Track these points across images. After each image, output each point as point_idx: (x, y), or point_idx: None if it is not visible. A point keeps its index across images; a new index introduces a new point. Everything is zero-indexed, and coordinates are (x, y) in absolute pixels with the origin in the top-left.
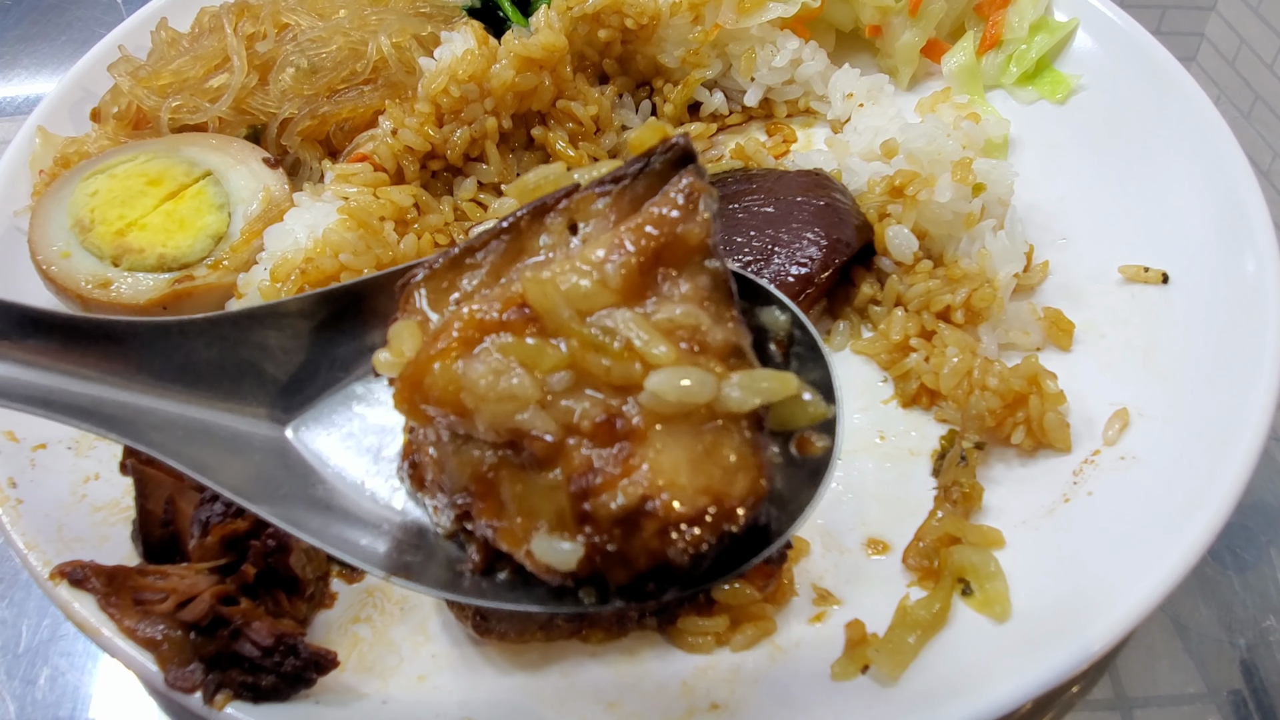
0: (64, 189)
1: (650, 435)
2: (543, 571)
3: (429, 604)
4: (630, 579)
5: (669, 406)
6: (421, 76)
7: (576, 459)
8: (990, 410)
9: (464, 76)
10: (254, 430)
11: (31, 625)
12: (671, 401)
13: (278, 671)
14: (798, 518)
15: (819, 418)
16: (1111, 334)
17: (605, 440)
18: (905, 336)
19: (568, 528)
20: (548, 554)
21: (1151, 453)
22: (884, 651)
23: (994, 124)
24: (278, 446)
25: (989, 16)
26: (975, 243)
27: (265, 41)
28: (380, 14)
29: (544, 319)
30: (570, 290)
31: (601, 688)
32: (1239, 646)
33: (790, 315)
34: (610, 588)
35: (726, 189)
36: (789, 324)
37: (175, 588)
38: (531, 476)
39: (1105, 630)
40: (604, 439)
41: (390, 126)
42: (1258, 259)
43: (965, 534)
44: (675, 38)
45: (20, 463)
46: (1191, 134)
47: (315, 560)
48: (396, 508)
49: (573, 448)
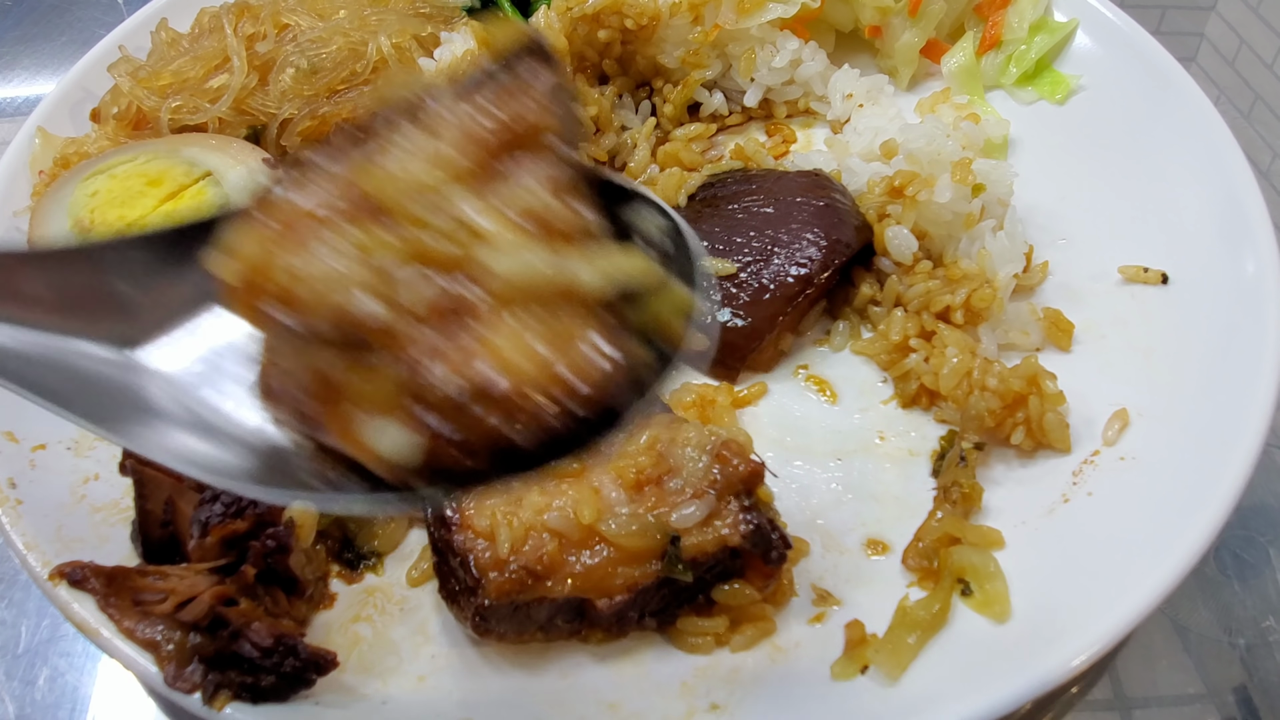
0: (64, 189)
1: (494, 318)
2: (386, 470)
3: (429, 605)
4: (475, 468)
5: (510, 286)
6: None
7: (416, 347)
8: (990, 411)
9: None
10: (107, 357)
11: (31, 626)
12: (510, 279)
13: (277, 672)
14: (650, 401)
15: (684, 307)
16: (1111, 334)
17: (445, 324)
18: (905, 337)
19: (410, 421)
20: (391, 447)
21: (1151, 453)
22: (884, 652)
23: (994, 124)
24: (133, 373)
25: (989, 17)
26: (975, 243)
27: (265, 42)
28: (380, 14)
29: (379, 205)
30: (406, 176)
31: (601, 688)
32: (1239, 647)
33: (669, 222)
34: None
35: (726, 189)
36: (665, 229)
37: (175, 588)
38: (371, 372)
39: (1105, 631)
40: (443, 323)
41: None
42: (1258, 259)
43: (965, 534)
44: (675, 38)
45: (20, 463)
46: (1191, 134)
47: (315, 561)
48: (251, 425)
49: (411, 335)
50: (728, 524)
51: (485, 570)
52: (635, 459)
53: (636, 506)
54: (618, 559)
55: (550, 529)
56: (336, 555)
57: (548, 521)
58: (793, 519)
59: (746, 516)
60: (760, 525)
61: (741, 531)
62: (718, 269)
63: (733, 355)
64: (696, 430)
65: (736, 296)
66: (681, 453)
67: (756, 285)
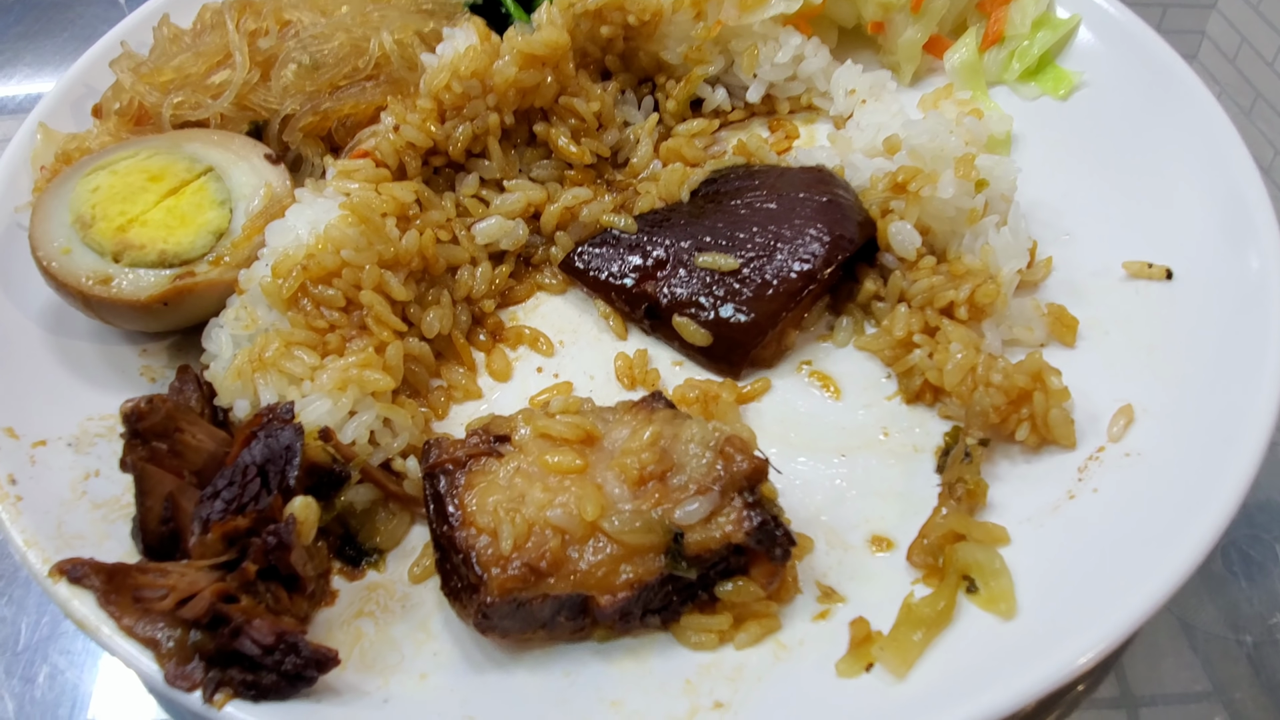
0: (65, 185)
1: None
2: None
3: (431, 602)
4: None
5: None
6: (424, 73)
7: None
8: (994, 407)
9: (466, 73)
10: None
11: (31, 623)
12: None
13: (278, 670)
14: None
15: None
16: (1115, 330)
17: None
18: (909, 333)
19: None
20: None
21: (1157, 449)
22: (889, 649)
23: (996, 120)
24: None
25: (991, 13)
26: (978, 239)
27: (267, 38)
28: (382, 10)
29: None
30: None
31: (604, 686)
32: (1246, 645)
33: None
34: None
35: (729, 184)
36: None
37: (175, 585)
38: None
39: (1111, 628)
40: None
41: (392, 123)
42: (1261, 255)
43: (970, 531)
44: (678, 34)
45: (20, 459)
46: (1194, 130)
47: (317, 557)
48: None
49: None
50: (731, 520)
51: (488, 567)
52: (638, 455)
53: (640, 503)
54: (621, 556)
55: (553, 526)
56: (338, 552)
57: (550, 518)
58: (796, 515)
59: (750, 513)
60: (764, 522)
61: (745, 528)
62: (720, 264)
63: (736, 351)
64: (700, 426)
65: (739, 292)
66: (685, 449)
67: (760, 281)
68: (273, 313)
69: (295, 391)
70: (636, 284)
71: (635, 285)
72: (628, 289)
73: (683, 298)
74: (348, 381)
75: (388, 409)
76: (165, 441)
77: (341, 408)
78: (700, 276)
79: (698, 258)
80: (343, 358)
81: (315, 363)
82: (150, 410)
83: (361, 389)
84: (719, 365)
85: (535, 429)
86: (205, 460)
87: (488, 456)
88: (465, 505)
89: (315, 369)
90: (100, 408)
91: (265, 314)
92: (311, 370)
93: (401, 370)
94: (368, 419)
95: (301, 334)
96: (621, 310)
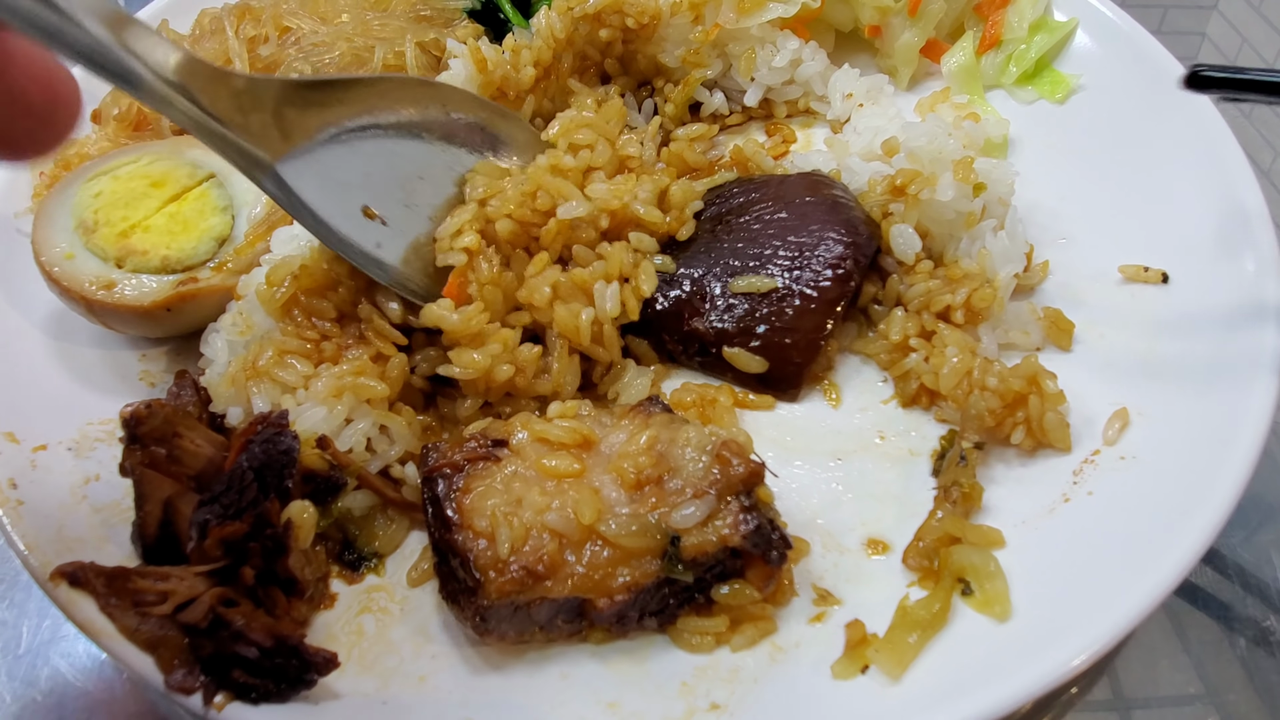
0: (67, 190)
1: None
2: None
3: (429, 605)
4: None
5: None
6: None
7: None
8: (990, 410)
9: None
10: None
11: (32, 626)
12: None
13: (277, 673)
14: None
15: None
16: (1111, 334)
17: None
18: (905, 336)
19: None
20: None
21: (1151, 452)
22: (884, 651)
23: (994, 124)
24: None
25: (988, 16)
26: (975, 243)
27: (267, 45)
28: (382, 19)
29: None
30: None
31: (601, 688)
32: (1239, 647)
33: None
34: None
35: (731, 201)
36: None
37: (175, 589)
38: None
39: (1105, 630)
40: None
41: None
42: (1258, 259)
43: (965, 534)
44: (676, 37)
45: (20, 464)
46: (1191, 134)
47: (315, 562)
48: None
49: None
50: (728, 524)
51: (486, 571)
52: (635, 459)
53: (637, 507)
54: (618, 559)
55: (550, 529)
56: (337, 556)
57: (548, 522)
58: (793, 519)
59: (747, 516)
60: (760, 525)
61: (742, 531)
62: (759, 286)
63: (793, 371)
64: (696, 430)
65: (783, 311)
66: (682, 453)
67: (800, 296)
68: (268, 319)
69: (289, 400)
70: (686, 323)
71: (686, 325)
72: (683, 332)
73: (729, 328)
74: (343, 389)
75: (384, 416)
76: (164, 446)
77: (337, 415)
78: (739, 302)
79: (731, 283)
80: (338, 366)
81: (309, 371)
82: (149, 415)
83: (356, 396)
84: (776, 389)
85: (533, 433)
86: (204, 465)
87: (485, 460)
88: (463, 509)
89: (309, 377)
90: (100, 412)
91: (261, 320)
92: (305, 379)
93: (401, 381)
94: (364, 426)
95: (294, 342)
96: (673, 352)
